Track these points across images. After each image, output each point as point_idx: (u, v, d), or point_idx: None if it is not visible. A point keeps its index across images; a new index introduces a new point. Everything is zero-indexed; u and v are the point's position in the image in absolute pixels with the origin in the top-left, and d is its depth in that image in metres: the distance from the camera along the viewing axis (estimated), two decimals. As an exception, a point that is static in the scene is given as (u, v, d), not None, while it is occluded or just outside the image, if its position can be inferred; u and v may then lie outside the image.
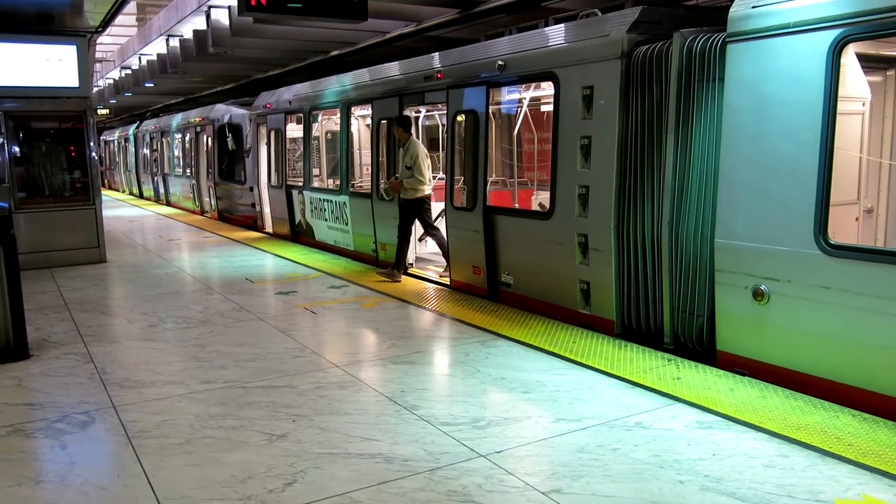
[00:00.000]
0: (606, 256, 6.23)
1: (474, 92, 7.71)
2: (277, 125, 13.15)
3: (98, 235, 10.99)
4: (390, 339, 6.30)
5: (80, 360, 5.82)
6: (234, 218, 16.50)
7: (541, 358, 5.58)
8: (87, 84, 10.80)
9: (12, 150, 10.45)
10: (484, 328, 6.48)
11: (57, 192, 10.93)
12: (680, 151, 5.60)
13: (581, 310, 6.58)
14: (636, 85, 5.96)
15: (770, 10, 4.86)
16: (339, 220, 11.08)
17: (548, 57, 6.86)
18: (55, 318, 7.28)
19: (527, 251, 7.21)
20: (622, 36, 6.03)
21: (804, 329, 4.75)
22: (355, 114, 11.42)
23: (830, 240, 4.56)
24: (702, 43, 5.42)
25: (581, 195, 6.45)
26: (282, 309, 7.59)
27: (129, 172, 28.35)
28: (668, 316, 5.74)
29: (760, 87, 4.95)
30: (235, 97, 19.82)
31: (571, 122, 6.55)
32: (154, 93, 26.05)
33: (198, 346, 6.17)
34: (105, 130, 35.87)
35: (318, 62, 17.10)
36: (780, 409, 4.42)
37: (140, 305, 7.88)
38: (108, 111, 33.09)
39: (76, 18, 11.18)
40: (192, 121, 18.86)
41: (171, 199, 22.27)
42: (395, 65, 9.78)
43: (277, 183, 13.21)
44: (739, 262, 5.06)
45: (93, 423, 4.48)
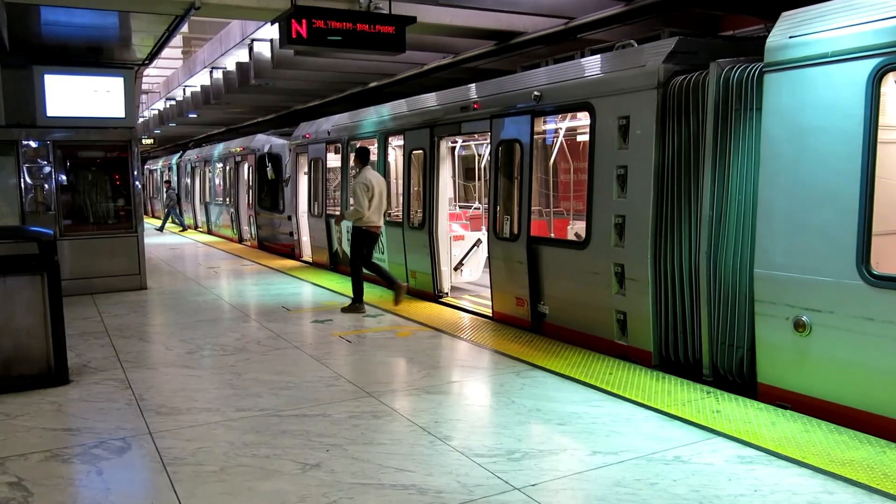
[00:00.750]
0: (643, 286, 6.15)
1: (518, 121, 7.73)
2: (316, 155, 13.34)
3: (140, 262, 11.21)
4: (425, 368, 6.28)
5: (119, 386, 5.91)
6: (272, 246, 16.71)
7: (577, 389, 5.51)
8: (132, 115, 11.10)
9: (59, 179, 10.75)
10: (519, 358, 6.43)
11: (101, 220, 11.21)
12: (718, 181, 5.54)
13: (618, 340, 6.50)
14: (672, 115, 5.93)
15: (808, 39, 4.82)
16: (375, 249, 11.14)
17: (584, 87, 6.88)
18: (96, 344, 7.42)
19: (564, 281, 7.16)
20: (658, 66, 6.02)
21: (848, 361, 4.62)
22: (392, 144, 11.54)
23: (873, 270, 4.45)
24: (739, 73, 5.38)
25: (617, 224, 6.40)
26: (317, 337, 7.63)
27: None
28: (707, 347, 5.63)
29: (799, 116, 4.89)
30: (275, 127, 20.22)
31: (608, 152, 6.53)
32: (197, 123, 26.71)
33: (234, 373, 6.22)
34: (149, 160, 36.78)
35: (357, 93, 17.38)
36: (824, 444, 4.29)
37: (178, 332, 7.99)
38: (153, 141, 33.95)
39: (124, 51, 11.57)
40: (233, 150, 19.24)
41: (211, 228, 22.66)
42: (431, 96, 9.89)
43: (316, 212, 13.37)
44: (780, 292, 4.96)
45: (129, 450, 4.54)
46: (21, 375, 5.88)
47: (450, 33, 11.55)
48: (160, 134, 32.00)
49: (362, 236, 8.92)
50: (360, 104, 14.45)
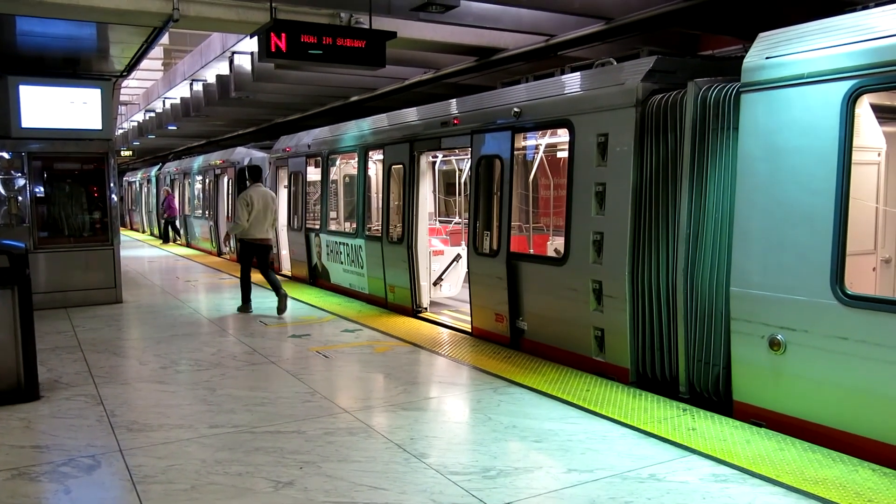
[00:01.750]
0: (621, 303, 6.17)
1: (498, 137, 7.74)
2: (296, 168, 13.30)
3: (115, 276, 11.07)
4: (402, 384, 6.24)
5: (90, 402, 5.80)
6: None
7: (554, 406, 5.49)
8: (110, 126, 11.01)
9: (34, 191, 10.61)
10: (497, 375, 6.41)
11: (76, 233, 11.06)
12: (695, 199, 5.57)
13: (595, 357, 6.50)
14: (651, 133, 5.97)
15: (784, 60, 4.88)
16: (354, 264, 11.11)
17: (563, 104, 6.91)
18: (68, 359, 7.29)
19: (543, 297, 7.16)
20: (637, 84, 6.07)
21: (822, 380, 4.65)
22: (373, 158, 11.53)
23: (847, 290, 4.49)
24: (716, 92, 5.43)
25: (595, 241, 6.42)
26: (294, 352, 7.56)
27: (149, 213, 28.70)
28: (684, 365, 5.65)
29: (775, 136, 4.94)
30: (256, 140, 20.15)
31: (586, 169, 6.56)
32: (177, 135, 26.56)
33: (208, 389, 6.14)
34: (128, 171, 36.48)
35: (338, 107, 17.38)
36: (797, 463, 4.30)
37: (153, 347, 7.89)
38: (132, 153, 33.69)
39: (102, 63, 11.46)
40: (213, 163, 19.13)
41: (190, 241, 22.47)
42: (411, 111, 9.90)
43: (296, 226, 13.31)
44: (755, 311, 4.99)
45: (98, 467, 4.45)
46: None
47: (431, 49, 11.60)
48: (139, 146, 31.78)
49: (246, 247, 9.86)
50: (341, 118, 14.43)
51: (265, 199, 9.75)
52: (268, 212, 9.76)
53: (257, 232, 9.68)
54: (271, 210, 9.87)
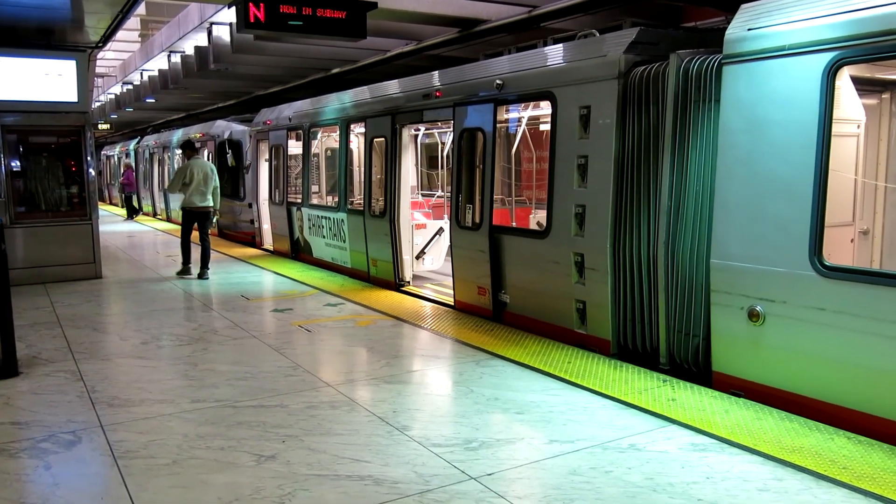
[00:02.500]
0: (602, 276, 6.19)
1: (481, 110, 7.69)
2: (277, 142, 13.17)
3: (94, 251, 10.94)
4: (385, 358, 6.25)
5: (70, 378, 5.77)
6: (233, 234, 16.48)
7: (536, 378, 5.53)
8: (86, 99, 10.82)
9: (10, 165, 10.44)
10: (480, 347, 6.44)
11: (54, 207, 10.90)
12: (676, 171, 5.58)
13: (577, 329, 6.53)
14: (633, 105, 5.95)
15: (765, 32, 4.87)
16: (336, 238, 11.06)
17: (546, 76, 6.87)
18: (47, 335, 7.23)
19: (525, 270, 7.17)
20: (619, 56, 6.04)
21: (799, 351, 4.71)
22: (355, 131, 11.43)
23: (825, 261, 4.53)
24: (698, 64, 5.42)
25: (577, 214, 6.42)
26: (277, 327, 7.54)
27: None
28: (664, 336, 5.70)
29: (756, 108, 4.94)
30: (236, 113, 19.89)
31: (569, 142, 6.54)
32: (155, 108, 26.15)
33: (190, 364, 6.12)
34: (106, 145, 35.97)
35: (319, 79, 17.17)
36: (775, 432, 4.37)
37: (133, 322, 7.83)
38: (109, 126, 33.19)
39: (77, 33, 11.22)
40: (193, 136, 18.89)
41: (171, 215, 22.27)
42: (393, 83, 9.81)
43: (278, 200, 13.21)
44: (735, 282, 5.03)
45: (79, 443, 4.43)
46: (-33, 367, 5.72)
47: (413, 20, 11.44)
48: (117, 119, 31.29)
49: (187, 214, 10.92)
50: (323, 90, 14.28)
51: (204, 170, 10.76)
52: (208, 181, 10.70)
53: (197, 200, 10.72)
54: (211, 179, 10.76)
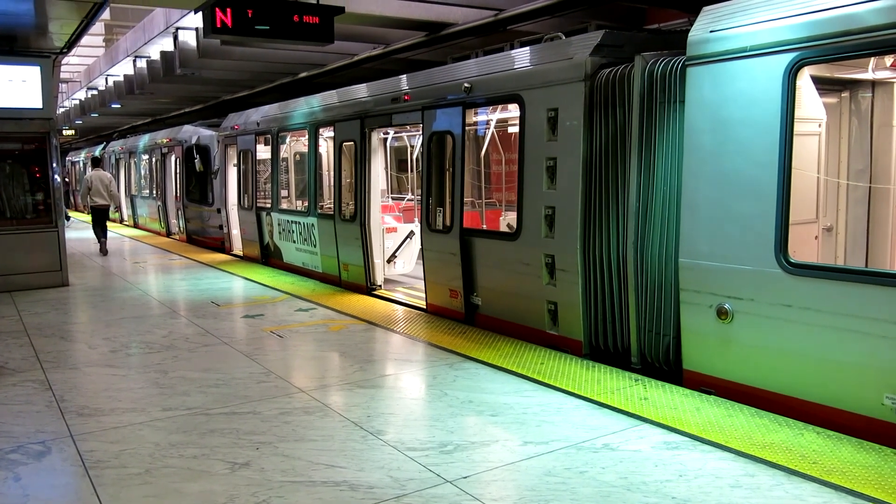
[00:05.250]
0: (573, 277, 6.25)
1: (449, 113, 7.71)
2: (246, 146, 13.07)
3: (60, 258, 10.77)
4: (357, 362, 6.23)
5: (39, 388, 5.67)
6: (201, 240, 16.31)
7: (509, 380, 5.56)
8: (50, 105, 10.64)
9: (-28, 172, 10.24)
10: (453, 350, 6.45)
11: (19, 215, 10.72)
12: (643, 172, 5.65)
13: (549, 330, 6.58)
14: (600, 107, 6.02)
15: (727, 34, 4.96)
16: (307, 242, 11.01)
17: (513, 79, 6.92)
18: (14, 344, 7.10)
19: (496, 272, 7.21)
20: (585, 59, 6.10)
21: (767, 347, 4.80)
22: (323, 135, 11.39)
23: (791, 258, 4.63)
24: (662, 66, 5.50)
25: (547, 216, 6.47)
26: (248, 333, 7.49)
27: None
28: (635, 336, 5.76)
29: (720, 109, 5.03)
30: (203, 118, 19.69)
31: (537, 144, 6.59)
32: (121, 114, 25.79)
33: (160, 371, 6.05)
34: (71, 151, 35.37)
35: (287, 84, 17.08)
36: (745, 428, 4.44)
37: (102, 330, 7.72)
38: (74, 132, 32.65)
39: (41, 39, 11.04)
40: (160, 142, 18.68)
41: (138, 221, 21.97)
42: (361, 87, 9.79)
43: (247, 204, 13.11)
44: (703, 281, 5.11)
45: (49, 454, 4.36)
46: (-71, 379, 5.60)
47: (380, 24, 11.44)
48: (82, 125, 30.80)
49: (93, 210, 14.77)
50: (290, 95, 14.19)
51: (101, 179, 14.66)
52: (102, 186, 14.54)
53: (98, 199, 14.55)
54: (104, 184, 14.58)
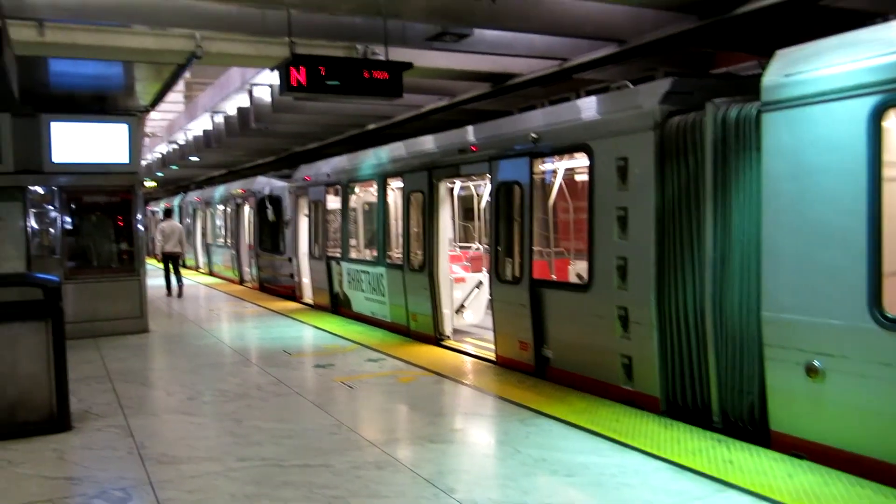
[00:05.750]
0: (648, 330, 6.09)
1: (517, 163, 7.73)
2: (316, 197, 13.38)
3: (142, 306, 11.14)
4: (427, 416, 6.19)
5: (121, 434, 5.82)
6: (273, 288, 16.67)
7: (584, 438, 5.40)
8: (136, 160, 11.15)
9: (64, 223, 10.77)
10: (524, 405, 6.32)
11: (104, 263, 11.20)
12: (719, 221, 5.50)
13: (624, 385, 6.40)
14: (671, 155, 5.93)
15: (804, 78, 4.82)
16: (375, 291, 11.11)
17: (581, 129, 6.90)
18: (98, 389, 7.33)
19: (567, 324, 7.10)
20: (655, 107, 6.04)
21: (866, 409, 4.48)
22: (392, 186, 11.57)
23: (886, 313, 4.36)
24: (736, 112, 5.38)
25: (619, 267, 6.36)
26: (319, 383, 7.55)
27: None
28: (716, 393, 5.53)
29: (799, 155, 4.86)
30: (275, 169, 20.32)
31: (607, 193, 6.52)
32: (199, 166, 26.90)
33: (235, 420, 6.13)
34: (151, 201, 36.93)
35: (356, 135, 17.53)
36: (845, 499, 4.13)
37: (179, 377, 7.92)
38: (155, 183, 34.15)
39: (128, 99, 11.72)
40: (234, 193, 19.31)
41: (213, 269, 22.64)
42: (429, 138, 9.93)
43: (317, 254, 13.36)
44: (789, 336, 4.88)
45: (130, 500, 4.45)
46: (25, 422, 5.86)
47: (446, 76, 11.69)
48: (163, 176, 32.20)
49: (165, 256, 16.06)
50: (359, 146, 14.54)
51: (173, 229, 16.14)
52: (173, 235, 15.91)
53: (170, 247, 15.86)
54: (176, 234, 16.02)
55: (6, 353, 5.84)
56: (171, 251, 15.89)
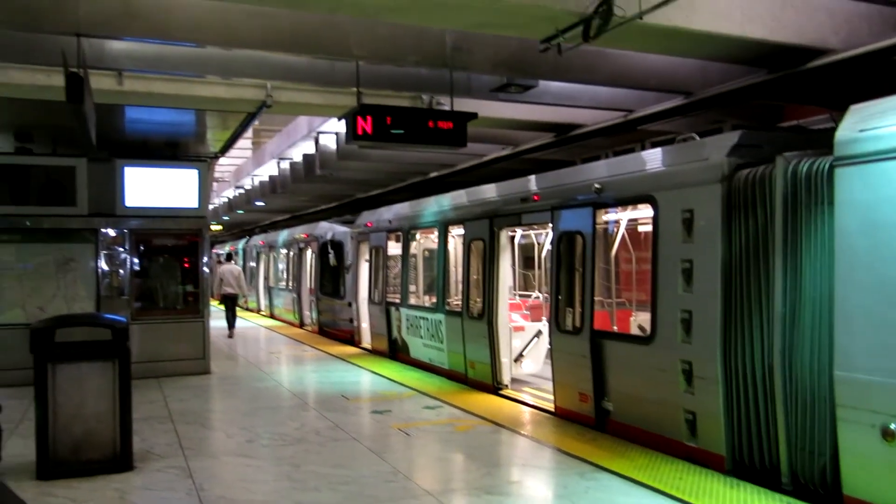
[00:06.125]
0: (713, 385, 5.92)
1: (580, 213, 7.73)
2: (377, 243, 13.56)
3: (205, 347, 11.36)
4: (484, 466, 6.11)
5: (180, 475, 5.91)
6: (332, 332, 16.84)
7: (645, 495, 5.25)
8: (204, 204, 11.53)
9: (133, 265, 11.12)
10: (583, 458, 6.20)
11: (170, 305, 11.48)
12: (789, 276, 5.36)
13: (687, 442, 6.21)
14: (738, 208, 5.84)
15: (879, 133, 4.72)
16: (434, 338, 11.11)
17: (646, 180, 6.87)
18: (160, 430, 7.49)
19: (629, 377, 6.96)
20: (723, 160, 5.98)
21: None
22: (452, 233, 11.66)
23: (968, 377, 4.17)
24: (807, 166, 5.28)
25: (684, 320, 6.23)
26: (376, 429, 7.55)
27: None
28: (785, 453, 5.32)
29: (874, 211, 4.74)
30: (338, 215, 20.74)
31: (671, 245, 6.44)
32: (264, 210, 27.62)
33: (292, 465, 6.17)
34: (216, 244, 37.98)
35: (418, 182, 17.77)
36: (920, 568, 3.94)
37: (239, 419, 8.02)
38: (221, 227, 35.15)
39: (199, 145, 12.20)
40: (297, 237, 19.72)
41: (274, 312, 23.03)
42: (491, 187, 10.01)
43: (377, 299, 13.47)
44: (863, 397, 4.68)
45: (188, 545, 4.50)
46: (88, 460, 5.98)
47: (509, 126, 11.81)
48: (228, 220, 33.16)
49: (224, 298, 16.96)
50: (421, 193, 14.73)
51: (231, 272, 17.17)
52: (232, 278, 16.93)
53: (229, 289, 16.85)
54: (234, 277, 17.03)
55: (74, 391, 5.97)
56: (229, 293, 16.88)
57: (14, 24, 6.64)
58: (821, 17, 7.19)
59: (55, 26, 6.54)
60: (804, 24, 7.12)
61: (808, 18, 7.11)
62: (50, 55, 7.15)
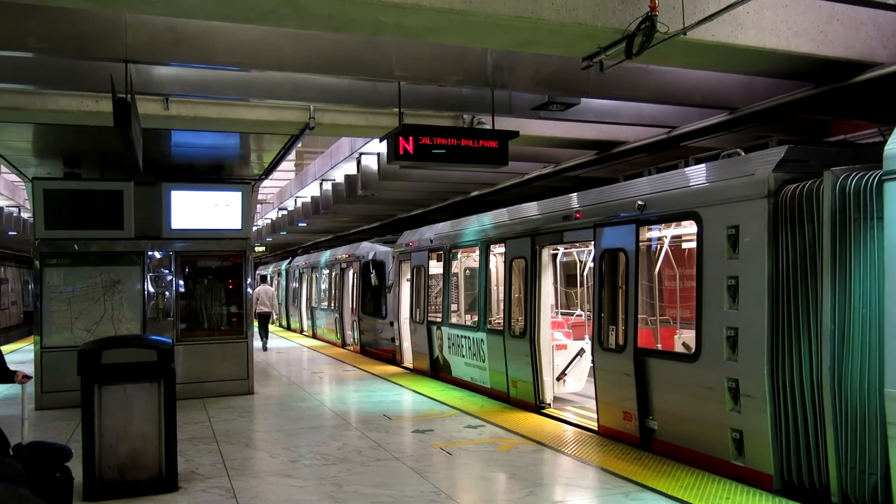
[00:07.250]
0: (760, 403, 5.79)
1: (623, 230, 7.67)
2: (419, 262, 13.61)
3: (248, 368, 11.46)
4: (527, 486, 6.05)
5: (225, 496, 5.98)
6: (374, 351, 16.91)
7: (691, 515, 5.15)
8: (248, 226, 11.70)
9: (178, 286, 11.32)
10: (627, 478, 6.11)
11: (214, 326, 11.61)
12: (838, 293, 5.25)
13: (734, 461, 6.08)
14: (785, 224, 5.74)
15: (931, 146, 4.61)
16: (476, 357, 11.09)
17: (690, 196, 6.79)
18: (204, 450, 7.58)
19: (674, 395, 6.85)
20: (768, 175, 5.90)
21: None
22: (494, 252, 11.65)
23: None
24: (856, 181, 5.19)
25: (729, 337, 6.12)
26: (418, 448, 7.54)
27: (279, 305, 29.99)
28: (835, 472, 5.18)
29: (926, 225, 4.62)
30: (379, 235, 20.88)
31: (717, 262, 6.35)
32: (306, 231, 27.97)
33: (335, 485, 6.19)
34: (259, 265, 38.52)
35: (459, 202, 17.82)
36: None
37: (282, 439, 8.09)
38: (265, 248, 35.67)
39: (243, 168, 12.42)
40: (339, 257, 19.91)
41: (316, 332, 23.23)
42: (532, 205, 10.00)
43: (418, 318, 13.51)
44: (917, 416, 4.54)
45: (233, 562, 4.53)
46: (134, 481, 6.05)
47: (551, 144, 11.78)
48: (271, 241, 33.65)
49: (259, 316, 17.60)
50: (462, 212, 14.77)
51: (266, 292, 18.93)
52: (266, 298, 18.75)
53: (263, 308, 18.32)
54: (268, 296, 18.96)
55: (120, 412, 6.06)
56: (264, 311, 18.60)
57: (64, 52, 6.86)
58: (868, 30, 7.05)
59: (104, 53, 6.73)
60: (851, 37, 6.99)
61: (854, 32, 6.98)
62: (98, 82, 7.36)
